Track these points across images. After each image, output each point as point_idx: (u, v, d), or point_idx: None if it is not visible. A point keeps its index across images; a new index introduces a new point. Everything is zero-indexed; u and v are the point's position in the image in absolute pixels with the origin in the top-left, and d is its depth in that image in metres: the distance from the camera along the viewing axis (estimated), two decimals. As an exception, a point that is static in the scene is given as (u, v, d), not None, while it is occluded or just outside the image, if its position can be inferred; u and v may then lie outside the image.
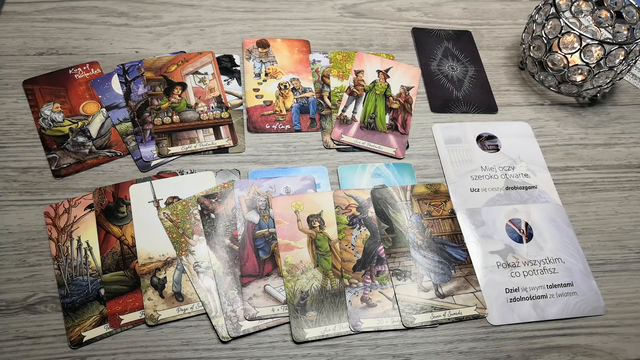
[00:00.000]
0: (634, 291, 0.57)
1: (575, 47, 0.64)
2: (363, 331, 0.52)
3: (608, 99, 0.73)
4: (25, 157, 0.59)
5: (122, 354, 0.49)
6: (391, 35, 0.76)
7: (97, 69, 0.66)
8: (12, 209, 0.56)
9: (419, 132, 0.67)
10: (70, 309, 0.50)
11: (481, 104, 0.70)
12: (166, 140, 0.61)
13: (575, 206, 0.62)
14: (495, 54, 0.76)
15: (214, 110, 0.64)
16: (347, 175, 0.61)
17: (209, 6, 0.75)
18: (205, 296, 0.52)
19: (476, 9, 0.81)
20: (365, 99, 0.67)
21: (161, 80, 0.65)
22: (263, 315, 0.51)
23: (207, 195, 0.57)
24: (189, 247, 0.54)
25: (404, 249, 0.56)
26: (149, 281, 0.52)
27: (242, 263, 0.54)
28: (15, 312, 0.50)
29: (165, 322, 0.51)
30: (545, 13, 0.66)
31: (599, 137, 0.69)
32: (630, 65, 0.66)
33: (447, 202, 0.60)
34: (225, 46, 0.71)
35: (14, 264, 0.53)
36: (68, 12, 0.72)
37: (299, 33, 0.74)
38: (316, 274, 0.54)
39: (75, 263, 0.53)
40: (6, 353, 0.48)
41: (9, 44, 0.68)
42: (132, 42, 0.70)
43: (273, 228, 0.56)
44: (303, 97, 0.67)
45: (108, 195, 0.57)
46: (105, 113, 0.63)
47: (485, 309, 0.54)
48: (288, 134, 0.64)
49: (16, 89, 0.64)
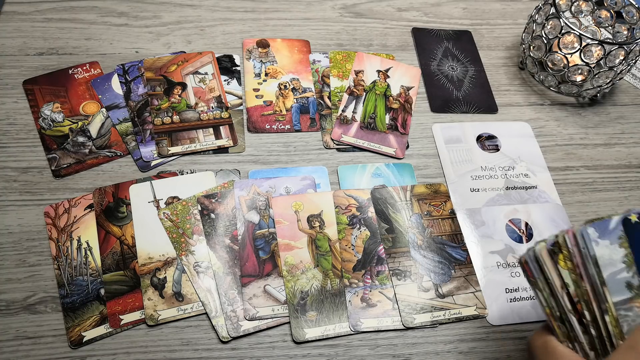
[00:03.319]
0: (634, 291, 0.57)
1: (575, 47, 0.64)
2: (363, 331, 0.52)
3: (608, 99, 0.73)
4: (25, 157, 0.59)
5: (122, 354, 0.49)
6: (391, 35, 0.76)
7: (97, 69, 0.66)
8: (12, 209, 0.56)
9: (419, 132, 0.67)
10: (70, 309, 0.50)
11: (481, 104, 0.70)
12: (166, 140, 0.61)
13: (575, 206, 0.62)
14: (495, 54, 0.76)
15: (214, 110, 0.64)
16: (347, 175, 0.61)
17: (209, 6, 0.75)
18: (205, 296, 0.52)
19: (476, 9, 0.81)
20: (365, 99, 0.67)
21: (161, 80, 0.65)
22: (263, 315, 0.51)
23: (207, 195, 0.57)
24: (189, 247, 0.54)
25: (404, 249, 0.56)
26: (149, 281, 0.52)
27: (242, 263, 0.54)
28: (15, 312, 0.50)
29: (165, 322, 0.51)
30: (545, 13, 0.66)
31: (599, 137, 0.69)
32: (630, 65, 0.66)
33: (447, 202, 0.60)
34: (225, 46, 0.71)
35: (14, 264, 0.53)
36: (68, 12, 0.72)
37: (299, 33, 0.74)
38: (316, 274, 0.54)
39: (75, 263, 0.53)
40: (6, 353, 0.48)
41: (9, 44, 0.68)
42: (132, 42, 0.70)
43: (273, 228, 0.56)
44: (303, 97, 0.67)
45: (108, 195, 0.57)
46: (105, 113, 0.63)
47: (485, 309, 0.54)
48: (288, 134, 0.64)
49: (16, 89, 0.64)
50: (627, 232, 0.37)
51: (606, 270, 0.37)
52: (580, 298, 0.37)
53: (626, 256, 0.37)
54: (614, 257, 0.37)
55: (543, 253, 0.38)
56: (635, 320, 0.37)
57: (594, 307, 0.37)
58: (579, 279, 0.37)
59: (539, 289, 0.39)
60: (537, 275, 0.39)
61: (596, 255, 0.37)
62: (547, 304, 0.39)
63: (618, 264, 0.37)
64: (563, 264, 0.37)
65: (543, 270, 0.38)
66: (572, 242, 0.37)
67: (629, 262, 0.37)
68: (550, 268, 0.38)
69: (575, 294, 0.37)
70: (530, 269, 0.39)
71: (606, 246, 0.37)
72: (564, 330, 0.38)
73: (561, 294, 0.38)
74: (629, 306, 0.37)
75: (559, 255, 0.37)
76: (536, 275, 0.39)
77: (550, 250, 0.38)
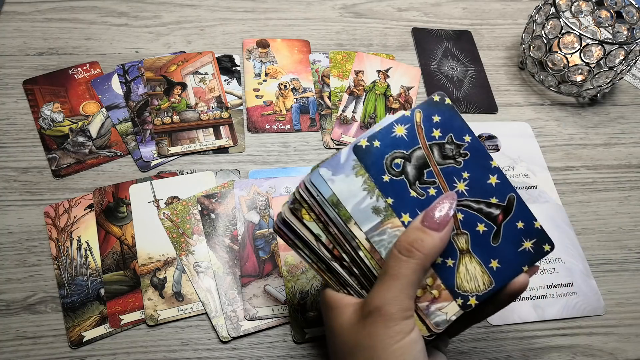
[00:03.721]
0: (634, 291, 0.57)
1: (575, 47, 0.64)
2: (363, 331, 0.52)
3: (608, 99, 0.73)
4: (25, 157, 0.59)
5: (122, 354, 0.49)
6: (391, 35, 0.76)
7: (97, 69, 0.66)
8: (12, 209, 0.56)
9: (419, 132, 0.66)
10: (70, 309, 0.50)
11: (481, 104, 0.70)
12: (166, 140, 0.61)
13: (575, 206, 0.62)
14: (495, 54, 0.76)
15: (214, 110, 0.64)
16: (347, 175, 0.61)
17: (209, 6, 0.75)
18: (205, 296, 0.52)
19: (476, 9, 0.81)
20: (365, 99, 0.67)
21: (161, 80, 0.65)
22: (263, 315, 0.51)
23: (207, 195, 0.57)
24: (189, 247, 0.54)
25: (404, 249, 0.56)
26: (149, 281, 0.52)
27: (242, 263, 0.54)
28: (15, 312, 0.50)
29: (165, 322, 0.51)
30: (545, 13, 0.66)
31: (599, 137, 0.69)
32: (630, 65, 0.66)
33: (446, 202, 0.60)
34: (225, 46, 0.71)
35: (14, 264, 0.53)
36: (68, 12, 0.72)
37: (299, 33, 0.74)
38: (316, 274, 0.54)
39: (75, 263, 0.53)
40: (6, 353, 0.48)
41: (9, 44, 0.68)
42: (132, 42, 0.70)
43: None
44: (303, 97, 0.67)
45: (108, 195, 0.57)
46: (105, 113, 0.63)
47: (485, 309, 0.54)
48: (288, 134, 0.64)
49: (16, 89, 0.64)
50: (360, 158, 0.37)
51: (349, 204, 0.37)
52: (334, 244, 0.37)
53: (365, 182, 0.37)
54: (353, 189, 0.37)
55: (287, 214, 0.38)
56: (391, 242, 0.37)
57: (348, 248, 0.37)
58: (325, 226, 0.37)
59: (299, 248, 0.39)
60: (292, 237, 0.39)
61: (335, 194, 0.36)
62: (311, 260, 0.39)
63: (359, 193, 0.37)
64: (308, 217, 0.38)
65: (294, 230, 0.38)
66: (306, 194, 0.37)
67: (369, 187, 0.37)
68: (299, 226, 0.38)
69: (329, 241, 0.38)
70: (284, 233, 0.39)
71: (342, 180, 0.37)
72: (335, 279, 0.39)
73: (317, 247, 0.38)
74: (382, 230, 0.37)
75: (301, 210, 0.38)
76: (292, 237, 0.39)
77: (293, 209, 0.38)
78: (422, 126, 0.39)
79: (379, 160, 0.38)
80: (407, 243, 0.35)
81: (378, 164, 0.38)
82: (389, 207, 0.37)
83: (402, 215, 0.37)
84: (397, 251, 0.35)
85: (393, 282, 0.34)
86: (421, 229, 0.35)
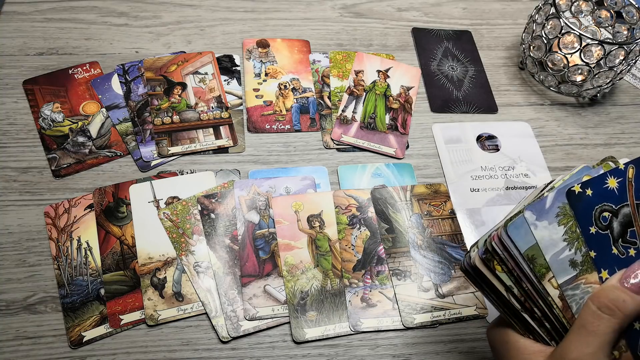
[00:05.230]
0: (634, 291, 0.57)
1: (575, 47, 0.64)
2: (363, 331, 0.52)
3: (608, 99, 0.73)
4: (25, 157, 0.59)
5: (122, 354, 0.49)
6: (391, 35, 0.76)
7: (97, 69, 0.66)
8: (12, 209, 0.56)
9: (419, 132, 0.67)
10: (70, 309, 0.50)
11: (481, 104, 0.70)
12: (166, 140, 0.61)
13: (575, 206, 0.62)
14: (495, 54, 0.76)
15: (214, 110, 0.64)
16: (347, 175, 0.61)
17: (209, 6, 0.75)
18: (205, 296, 0.52)
19: (476, 9, 0.81)
20: (365, 99, 0.67)
21: (161, 80, 0.65)
22: (263, 315, 0.51)
23: (207, 195, 0.57)
24: (189, 247, 0.54)
25: (404, 249, 0.56)
26: (149, 281, 0.52)
27: (242, 263, 0.54)
28: (15, 312, 0.50)
29: (165, 322, 0.51)
30: (545, 13, 0.66)
31: (599, 137, 0.69)
32: (630, 65, 0.66)
33: (447, 202, 0.60)
34: (225, 46, 0.71)
35: (14, 264, 0.53)
36: (68, 12, 0.72)
37: (299, 33, 0.74)
38: (316, 274, 0.54)
39: (75, 263, 0.53)
40: (6, 353, 0.48)
41: (9, 44, 0.68)
42: (132, 42, 0.70)
43: (273, 228, 0.56)
44: (303, 97, 0.67)
45: (108, 195, 0.57)
46: (105, 113, 0.63)
47: (486, 309, 0.54)
48: (288, 134, 0.64)
49: (16, 89, 0.64)
50: (572, 204, 0.36)
51: (548, 253, 0.36)
52: (525, 297, 0.37)
53: (566, 233, 0.36)
54: (554, 237, 0.36)
55: (477, 262, 0.37)
56: (583, 298, 0.36)
57: (541, 303, 0.36)
58: (518, 280, 0.36)
59: (487, 292, 0.38)
60: (480, 282, 0.38)
61: (537, 241, 0.35)
62: (498, 305, 0.38)
63: (559, 243, 0.36)
64: (500, 269, 0.36)
65: (483, 278, 0.37)
66: (500, 247, 0.36)
67: (570, 238, 0.36)
68: (489, 276, 0.37)
69: (520, 294, 0.37)
70: (472, 277, 0.38)
71: (545, 227, 0.36)
72: (522, 325, 0.38)
73: (508, 297, 0.37)
74: (575, 284, 0.36)
75: (493, 261, 0.37)
76: (480, 282, 0.38)
77: (484, 259, 0.37)
78: (632, 183, 0.37)
79: (589, 211, 0.36)
80: (609, 301, 0.34)
81: (587, 214, 0.36)
82: (589, 261, 0.36)
83: (601, 271, 0.36)
84: (597, 307, 0.34)
85: (591, 338, 0.34)
86: (622, 289, 0.34)
